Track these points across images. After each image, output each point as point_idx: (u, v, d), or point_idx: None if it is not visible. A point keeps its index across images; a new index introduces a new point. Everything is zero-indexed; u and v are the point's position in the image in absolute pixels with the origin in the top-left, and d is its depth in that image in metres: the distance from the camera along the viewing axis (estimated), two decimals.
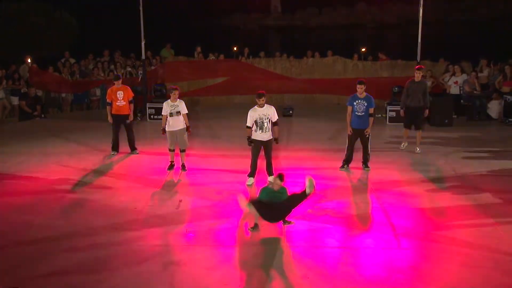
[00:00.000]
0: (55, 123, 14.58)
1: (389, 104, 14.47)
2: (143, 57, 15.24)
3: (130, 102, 10.91)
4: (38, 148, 11.58)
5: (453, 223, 7.25)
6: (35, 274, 5.81)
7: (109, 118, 10.96)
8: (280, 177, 6.95)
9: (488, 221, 7.27)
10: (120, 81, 10.93)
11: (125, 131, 11.03)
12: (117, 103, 10.81)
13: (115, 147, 11.01)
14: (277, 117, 8.91)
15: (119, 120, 10.90)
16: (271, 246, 6.50)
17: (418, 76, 11.00)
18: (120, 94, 10.79)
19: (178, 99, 9.68)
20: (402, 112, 11.33)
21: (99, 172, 9.76)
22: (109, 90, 10.99)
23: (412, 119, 11.10)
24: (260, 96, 8.67)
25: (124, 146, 11.12)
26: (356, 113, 9.60)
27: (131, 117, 10.96)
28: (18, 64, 16.41)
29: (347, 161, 9.85)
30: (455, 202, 8.05)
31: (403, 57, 17.87)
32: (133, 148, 11.08)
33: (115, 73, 16.83)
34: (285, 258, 6.26)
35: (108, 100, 10.92)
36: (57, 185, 8.92)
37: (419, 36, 13.75)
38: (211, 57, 18.29)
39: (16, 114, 15.29)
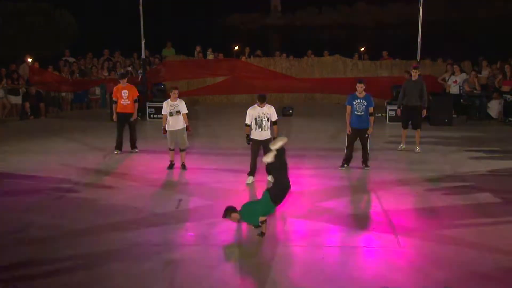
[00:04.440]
0: (55, 122, 14.59)
1: (389, 103, 14.48)
2: (143, 56, 15.26)
3: (134, 101, 10.95)
4: (39, 147, 11.58)
5: (453, 223, 7.25)
6: (35, 273, 5.81)
7: (114, 116, 11.04)
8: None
9: (488, 221, 7.27)
10: (125, 80, 11.00)
11: (128, 129, 11.06)
12: (121, 102, 10.88)
13: (119, 146, 11.03)
14: (277, 117, 8.91)
15: (124, 118, 10.95)
16: (271, 246, 6.49)
17: (415, 75, 11.01)
18: (125, 93, 10.84)
19: (178, 99, 9.69)
20: (398, 111, 11.37)
21: (99, 171, 9.76)
22: (114, 89, 11.08)
23: (409, 118, 11.11)
24: (262, 100, 8.65)
25: (126, 146, 11.14)
26: (355, 112, 9.60)
27: (134, 116, 11.00)
28: (18, 64, 16.42)
29: (347, 160, 9.86)
30: (455, 202, 8.04)
31: (402, 56, 17.90)
32: (133, 147, 11.11)
33: (115, 72, 16.89)
34: (285, 257, 6.25)
35: (113, 98, 11.02)
36: (57, 184, 8.91)
37: (419, 35, 13.76)
38: (209, 54, 18.29)
39: (15, 113, 15.31)
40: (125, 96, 10.85)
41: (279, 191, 6.65)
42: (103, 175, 9.51)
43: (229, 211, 6.67)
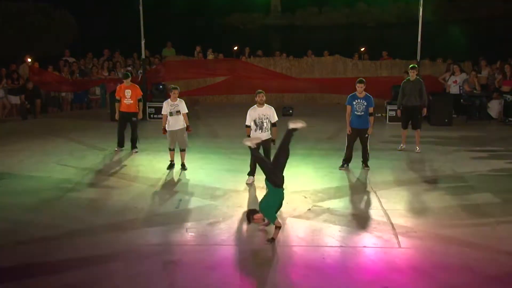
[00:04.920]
0: (55, 122, 14.59)
1: (389, 103, 14.48)
2: (143, 56, 15.27)
3: (138, 101, 11.01)
4: (39, 147, 11.58)
5: (453, 223, 7.25)
6: (35, 274, 5.81)
7: (116, 115, 11.17)
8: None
9: (488, 221, 7.27)
10: (129, 80, 11.08)
11: (130, 129, 11.13)
12: (124, 101, 10.98)
13: (120, 143, 11.18)
14: (277, 118, 8.91)
15: (126, 117, 11.03)
16: (271, 246, 6.49)
17: (412, 75, 11.03)
18: (128, 93, 10.93)
19: (178, 99, 9.70)
20: (398, 112, 11.37)
21: (99, 171, 9.76)
22: (118, 88, 11.24)
23: (409, 119, 11.12)
24: (259, 92, 8.71)
25: (126, 145, 11.21)
26: (355, 112, 9.60)
27: (140, 115, 11.08)
28: (18, 64, 16.42)
29: (347, 160, 9.86)
30: (455, 202, 8.05)
31: (402, 56, 17.91)
32: (133, 147, 11.15)
33: (115, 72, 16.90)
34: (285, 258, 6.25)
35: (117, 97, 11.14)
36: (57, 184, 8.91)
37: (419, 35, 13.76)
38: (209, 55, 18.30)
39: (15, 113, 15.30)
40: (128, 96, 10.93)
41: (271, 172, 6.69)
42: (103, 175, 9.51)
43: (251, 214, 6.67)
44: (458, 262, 6.07)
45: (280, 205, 6.86)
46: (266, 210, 6.65)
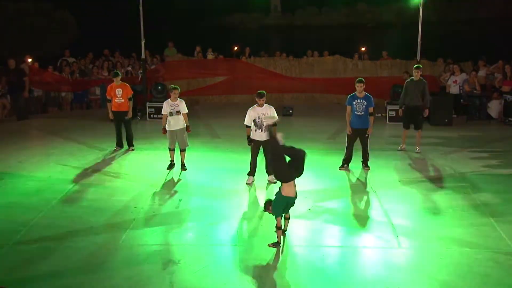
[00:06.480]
0: (55, 122, 14.58)
1: (389, 103, 14.48)
2: (143, 56, 15.26)
3: (129, 100, 11.02)
4: (38, 147, 11.59)
5: (453, 223, 7.26)
6: (35, 274, 5.81)
7: (110, 115, 11.20)
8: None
9: (488, 221, 7.27)
10: (119, 78, 11.09)
11: (124, 128, 11.20)
12: (116, 100, 11.01)
13: (119, 143, 11.25)
14: (277, 117, 8.89)
15: (119, 116, 11.08)
16: (271, 246, 6.48)
17: (416, 75, 11.00)
18: (118, 92, 10.94)
19: (178, 99, 9.71)
20: (400, 111, 11.35)
21: (99, 171, 9.76)
22: (108, 87, 11.23)
23: (411, 119, 11.10)
24: (261, 96, 8.68)
25: (126, 144, 11.23)
26: (355, 112, 9.60)
27: (129, 114, 11.08)
28: (18, 64, 16.40)
29: (347, 160, 9.86)
30: (455, 202, 8.05)
31: (402, 56, 17.90)
32: (130, 145, 11.21)
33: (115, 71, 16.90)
34: (285, 257, 6.25)
35: (108, 97, 11.16)
36: (57, 184, 8.91)
37: (419, 35, 13.75)
38: (209, 54, 18.30)
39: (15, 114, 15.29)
40: (119, 95, 10.96)
41: (276, 166, 6.66)
42: (103, 175, 9.51)
43: (268, 204, 6.61)
44: (458, 262, 6.07)
45: (286, 206, 6.66)
46: (274, 205, 6.57)
